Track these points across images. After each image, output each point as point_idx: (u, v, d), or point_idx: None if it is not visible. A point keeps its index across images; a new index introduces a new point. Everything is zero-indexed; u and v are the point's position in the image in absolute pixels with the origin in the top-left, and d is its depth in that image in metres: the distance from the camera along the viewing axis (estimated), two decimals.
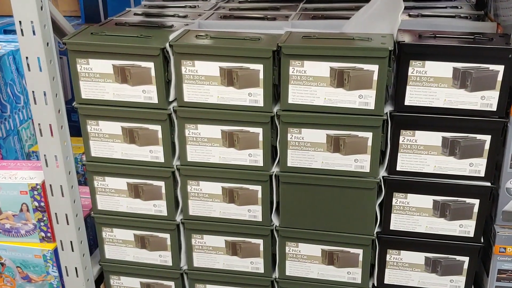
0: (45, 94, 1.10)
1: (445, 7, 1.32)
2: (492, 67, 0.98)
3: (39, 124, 1.13)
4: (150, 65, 1.08)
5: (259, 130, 1.10)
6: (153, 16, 1.34)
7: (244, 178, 1.14)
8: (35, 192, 1.21)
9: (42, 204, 1.22)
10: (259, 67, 1.06)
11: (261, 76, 1.06)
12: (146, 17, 1.34)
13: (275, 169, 1.13)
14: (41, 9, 1.04)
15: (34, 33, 1.04)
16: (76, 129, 1.23)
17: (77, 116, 1.17)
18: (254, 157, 1.12)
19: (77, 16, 2.35)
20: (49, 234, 1.26)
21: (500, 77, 0.99)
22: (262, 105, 1.08)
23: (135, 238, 1.25)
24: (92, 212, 1.26)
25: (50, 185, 1.18)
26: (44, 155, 1.15)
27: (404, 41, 1.00)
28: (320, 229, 1.16)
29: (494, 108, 1.01)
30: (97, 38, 1.11)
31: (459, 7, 1.32)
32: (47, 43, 1.07)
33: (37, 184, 1.21)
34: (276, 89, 1.09)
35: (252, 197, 1.16)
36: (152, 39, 1.10)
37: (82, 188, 1.31)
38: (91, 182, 1.21)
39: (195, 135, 1.13)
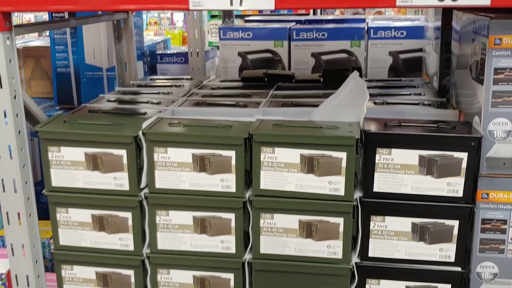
0: (14, 182, 1.09)
1: (409, 94, 1.38)
2: (456, 154, 1.02)
3: (7, 212, 1.11)
4: (123, 152, 1.09)
5: (231, 216, 1.10)
6: (127, 102, 1.37)
7: (216, 266, 1.13)
8: (0, 282, 1.17)
9: None
10: (231, 153, 1.07)
11: (233, 162, 1.08)
12: (120, 103, 1.36)
13: (247, 256, 1.12)
14: (15, 98, 1.06)
15: (6, 123, 1.04)
16: (44, 211, 1.20)
17: (45, 197, 1.15)
18: (226, 243, 1.11)
19: (50, 98, 2.36)
20: None
21: (464, 164, 1.02)
22: (235, 191, 1.09)
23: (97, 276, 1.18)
24: None
25: (16, 275, 1.14)
26: (11, 244, 1.12)
27: (370, 130, 1.04)
28: None
29: (460, 194, 1.04)
30: (70, 126, 1.12)
31: (423, 94, 1.38)
32: (19, 131, 1.08)
33: (2, 273, 1.17)
34: (248, 174, 1.10)
35: (224, 285, 1.14)
36: (125, 127, 1.11)
37: (49, 275, 1.27)
38: (59, 271, 1.18)
39: (166, 222, 1.12)
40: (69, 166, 1.11)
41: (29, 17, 5.01)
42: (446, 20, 1.42)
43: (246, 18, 2.70)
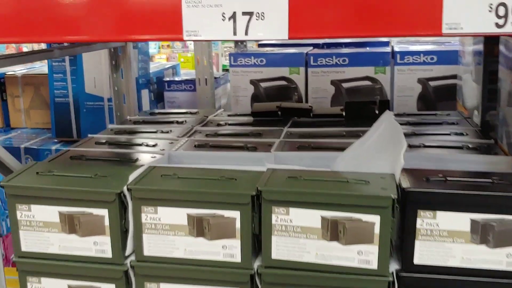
0: None
1: (449, 134, 1.17)
2: None
3: None
4: (104, 212, 0.90)
5: None
6: (118, 145, 1.18)
7: None
8: None
9: None
10: (236, 214, 0.87)
11: (237, 225, 0.87)
12: (109, 147, 1.17)
13: None
14: None
15: None
16: None
17: None
18: None
19: (50, 129, 2.20)
20: None
21: None
22: (240, 261, 0.88)
23: None
24: None
25: None
26: None
27: (409, 188, 0.83)
28: None
29: None
30: (42, 180, 0.93)
31: (465, 134, 1.17)
32: None
33: None
34: (256, 240, 0.90)
35: None
36: (108, 180, 0.92)
37: None
38: None
39: None
40: (41, 228, 0.92)
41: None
42: (490, 45, 1.22)
43: (260, 42, 2.53)
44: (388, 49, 1.87)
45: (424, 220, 0.83)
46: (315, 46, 2.11)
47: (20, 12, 0.83)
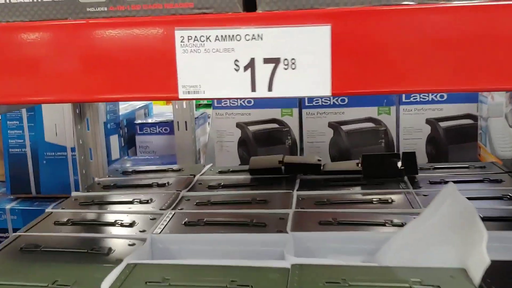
0: None
1: (501, 197, 0.94)
2: None
3: None
4: None
5: None
6: (84, 226, 0.90)
7: None
8: None
9: None
10: None
11: None
12: (73, 228, 0.90)
13: None
14: None
15: None
16: None
17: None
18: None
19: (4, 181, 1.91)
20: None
21: None
22: None
23: None
24: None
25: None
26: None
27: None
28: None
29: None
30: None
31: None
32: None
33: None
34: None
35: None
36: None
37: None
38: None
39: None
40: None
41: None
42: None
43: None
44: None
45: None
46: None
47: None
